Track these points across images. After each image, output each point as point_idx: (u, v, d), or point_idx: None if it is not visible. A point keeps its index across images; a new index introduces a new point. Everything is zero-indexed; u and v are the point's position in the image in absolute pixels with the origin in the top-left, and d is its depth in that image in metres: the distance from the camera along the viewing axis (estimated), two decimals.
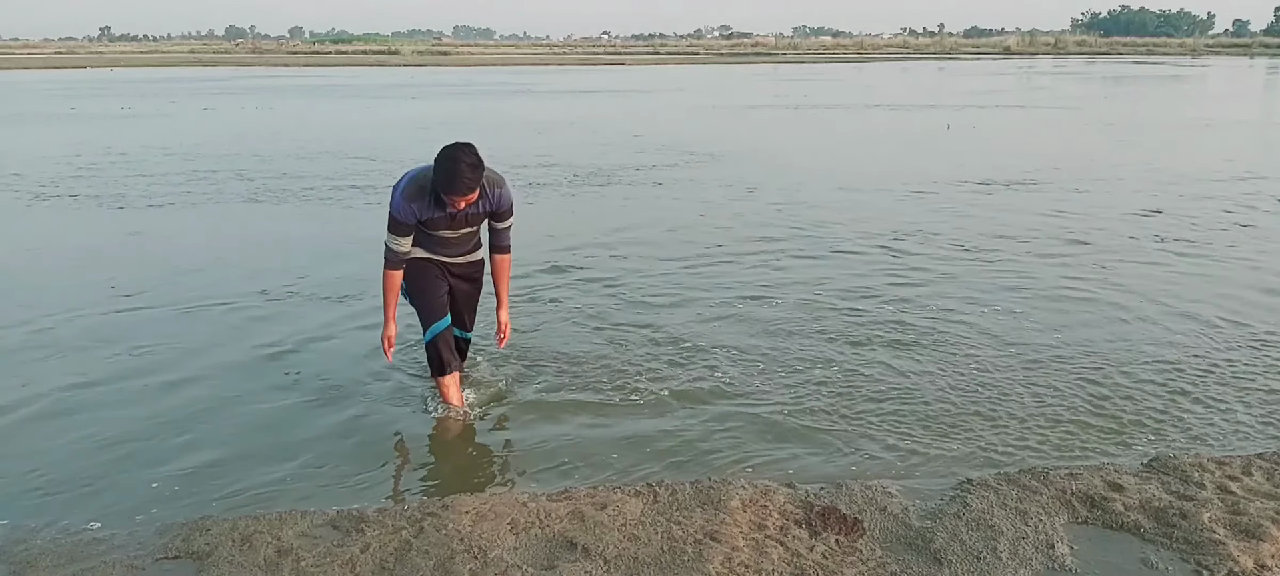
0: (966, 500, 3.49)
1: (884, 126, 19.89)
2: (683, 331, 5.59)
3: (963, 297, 6.31)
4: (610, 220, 9.16)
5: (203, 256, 7.64)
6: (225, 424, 4.31)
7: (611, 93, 32.08)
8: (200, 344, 5.42)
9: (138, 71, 50.10)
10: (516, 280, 6.73)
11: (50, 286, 6.70)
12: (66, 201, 10.27)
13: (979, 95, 29.64)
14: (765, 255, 7.62)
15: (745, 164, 13.37)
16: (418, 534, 3.25)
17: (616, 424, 4.30)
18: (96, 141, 16.03)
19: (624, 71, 50.98)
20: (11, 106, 25.19)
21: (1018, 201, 10.17)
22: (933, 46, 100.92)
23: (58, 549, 3.22)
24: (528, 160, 13.56)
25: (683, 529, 3.28)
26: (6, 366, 5.07)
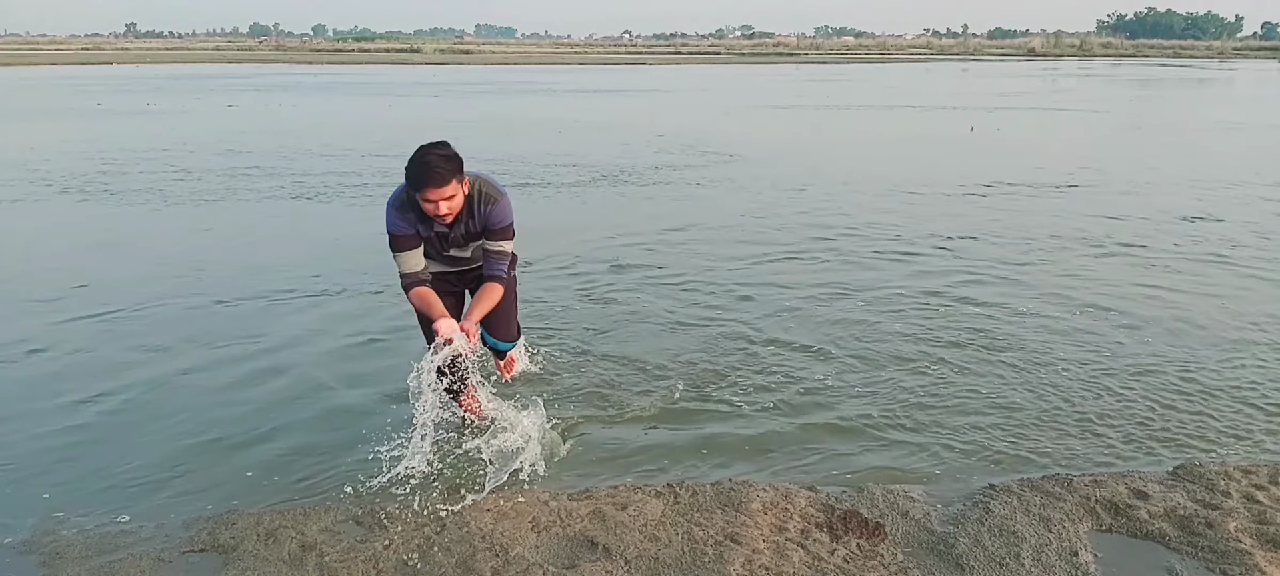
0: (989, 506, 3.47)
1: (908, 128, 19.78)
2: (720, 333, 5.59)
3: (995, 300, 6.27)
4: (640, 219, 9.17)
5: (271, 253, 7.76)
6: (252, 419, 4.35)
7: (633, 92, 32.12)
8: (235, 339, 5.48)
9: (163, 68, 50.61)
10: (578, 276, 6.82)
11: (108, 281, 6.79)
12: (108, 196, 10.40)
13: (1003, 97, 29.44)
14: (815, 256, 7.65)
15: (771, 164, 13.34)
16: (440, 531, 3.27)
17: (644, 424, 4.30)
18: (129, 137, 16.21)
19: (645, 71, 51.02)
20: (41, 102, 25.52)
21: (1059, 204, 10.09)
22: (956, 48, 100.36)
23: (86, 541, 3.26)
24: (550, 160, 13.59)
25: (703, 530, 3.28)
26: (35, 365, 5.14)
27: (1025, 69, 55.04)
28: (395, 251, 3.60)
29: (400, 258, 3.60)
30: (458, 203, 3.43)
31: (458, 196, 3.42)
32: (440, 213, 3.41)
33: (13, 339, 5.46)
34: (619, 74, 47.03)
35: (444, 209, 3.40)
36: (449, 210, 3.41)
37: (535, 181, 11.58)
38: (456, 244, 3.69)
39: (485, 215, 3.58)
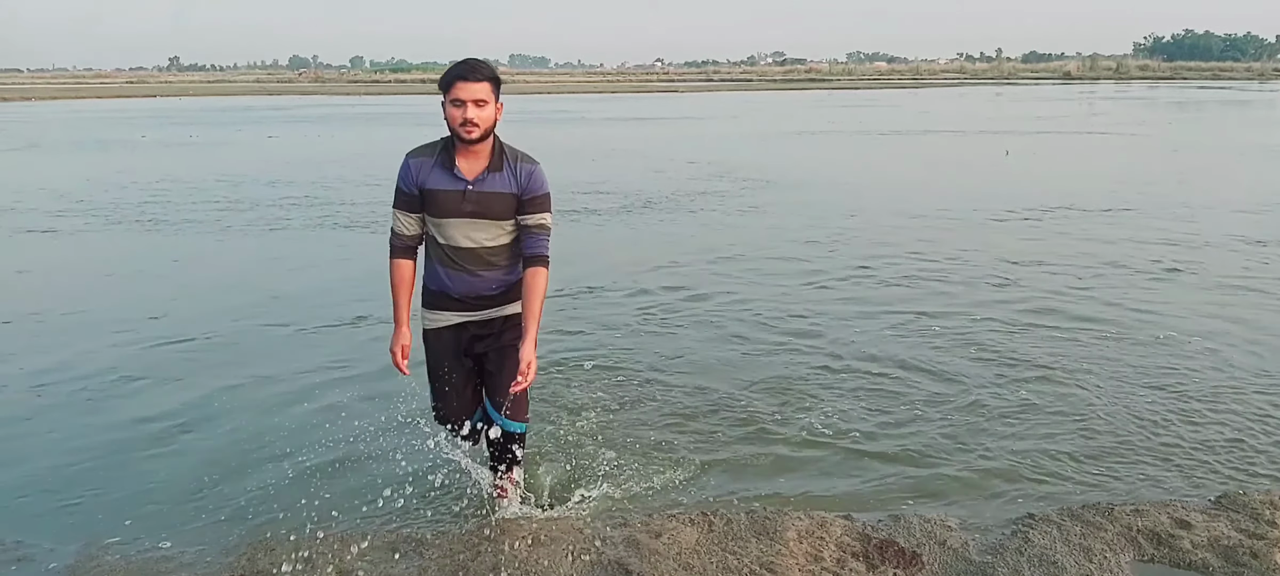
0: (1028, 535, 3.43)
1: (943, 153, 19.69)
2: (765, 359, 5.60)
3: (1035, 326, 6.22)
4: (685, 245, 9.21)
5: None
6: (294, 443, 4.40)
7: (666, 120, 32.25)
8: (285, 365, 5.57)
9: (205, 100, 51.67)
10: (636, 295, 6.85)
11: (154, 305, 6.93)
12: (168, 226, 10.63)
13: (1039, 121, 29.19)
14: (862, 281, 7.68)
15: (807, 190, 13.35)
16: (475, 557, 3.28)
17: (680, 451, 4.30)
18: (178, 168, 16.56)
19: (677, 99, 51.22)
20: (89, 134, 26.15)
21: (1105, 228, 10.00)
22: (990, 72, 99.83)
23: (129, 566, 3.31)
24: (586, 188, 13.67)
25: (738, 559, 3.27)
26: (81, 389, 5.26)
27: (1061, 93, 54.56)
28: (395, 207, 3.33)
29: (396, 214, 3.32)
30: (488, 116, 3.13)
31: (489, 107, 3.14)
32: (469, 116, 3.10)
33: (61, 364, 5.58)
34: (651, 102, 47.27)
35: (473, 113, 3.10)
36: (479, 121, 3.11)
37: (575, 209, 11.66)
38: (478, 205, 3.21)
39: (527, 176, 3.24)
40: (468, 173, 3.20)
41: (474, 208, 3.21)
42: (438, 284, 3.36)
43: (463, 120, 3.11)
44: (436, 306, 3.39)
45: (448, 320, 3.39)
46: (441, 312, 3.38)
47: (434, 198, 3.23)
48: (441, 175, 3.21)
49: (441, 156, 3.23)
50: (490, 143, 3.22)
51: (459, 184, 3.20)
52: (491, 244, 3.28)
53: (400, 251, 3.36)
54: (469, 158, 3.20)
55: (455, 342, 3.41)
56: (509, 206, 3.24)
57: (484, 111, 3.13)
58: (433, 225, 3.29)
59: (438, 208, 3.23)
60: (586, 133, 26.01)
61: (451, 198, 3.21)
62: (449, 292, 3.33)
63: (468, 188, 3.19)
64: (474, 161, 3.21)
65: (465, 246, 3.26)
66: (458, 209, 3.21)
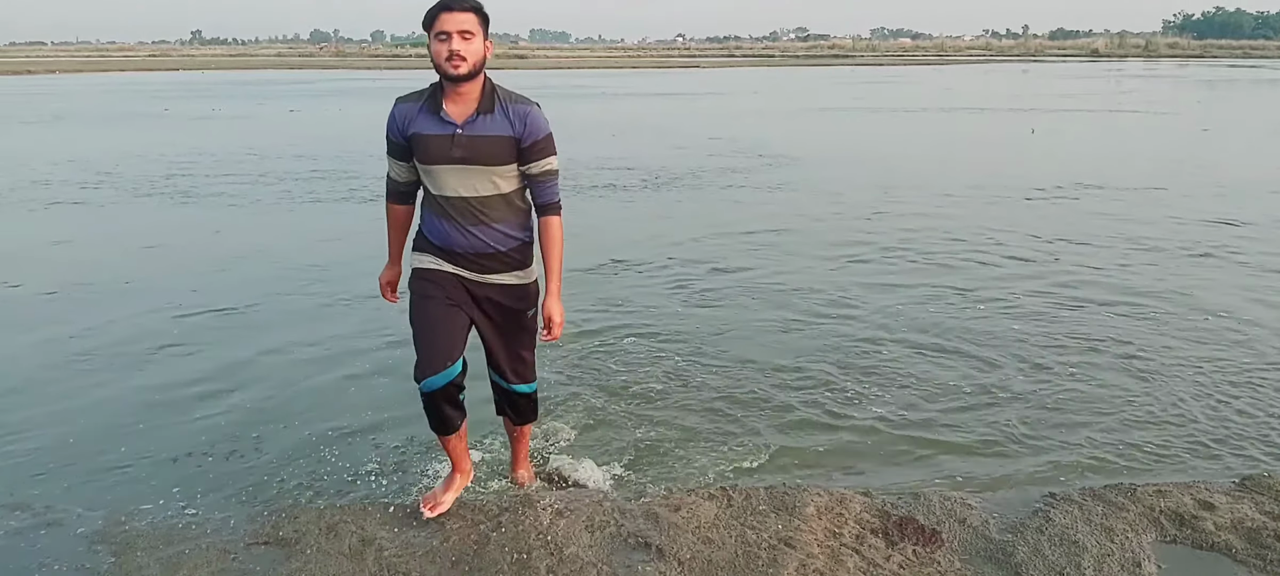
0: (1049, 515, 3.41)
1: (967, 130, 19.51)
2: (790, 336, 5.60)
3: (1058, 306, 6.19)
4: (713, 222, 9.21)
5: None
6: (313, 415, 4.46)
7: (687, 95, 32.13)
8: (310, 333, 5.64)
9: (227, 74, 51.89)
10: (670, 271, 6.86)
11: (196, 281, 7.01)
12: (212, 199, 10.73)
13: (1066, 99, 28.84)
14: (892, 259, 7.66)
15: (831, 167, 13.29)
16: (496, 528, 3.31)
17: (698, 425, 4.32)
18: (202, 141, 16.67)
19: (699, 74, 50.97)
20: (114, 107, 26.35)
21: (1133, 208, 9.89)
22: (1016, 49, 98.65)
23: (155, 531, 3.36)
24: (606, 164, 13.67)
25: (757, 533, 3.27)
26: (109, 359, 5.33)
27: (1088, 70, 53.86)
28: (386, 153, 3.20)
29: (389, 160, 3.21)
30: (476, 50, 2.93)
31: (476, 41, 2.93)
32: (455, 49, 2.88)
33: (98, 333, 5.66)
34: (672, 78, 47.06)
35: (459, 45, 2.88)
36: (466, 54, 2.90)
37: (598, 184, 11.67)
38: (468, 150, 3.00)
39: (523, 117, 3.03)
40: (456, 116, 3.00)
41: (464, 153, 3.00)
42: (435, 237, 3.17)
43: (448, 54, 2.90)
44: (429, 252, 3.19)
45: (443, 266, 3.17)
46: (435, 258, 3.17)
47: (422, 143, 3.03)
48: (428, 119, 3.02)
49: (429, 101, 3.04)
50: (480, 83, 3.01)
51: (447, 128, 3.00)
52: (486, 194, 3.06)
53: (394, 196, 3.28)
54: (458, 100, 3.00)
55: (447, 280, 3.16)
56: (504, 151, 3.02)
57: (471, 45, 2.92)
58: (423, 173, 3.10)
59: (426, 153, 3.03)
60: (607, 108, 25.94)
61: (439, 142, 3.01)
62: (446, 247, 3.14)
63: (456, 131, 2.99)
64: (463, 104, 3.00)
65: (459, 196, 3.05)
66: (446, 154, 3.01)
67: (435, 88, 3.05)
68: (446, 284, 3.16)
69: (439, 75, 2.98)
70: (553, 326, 3.20)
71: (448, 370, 3.11)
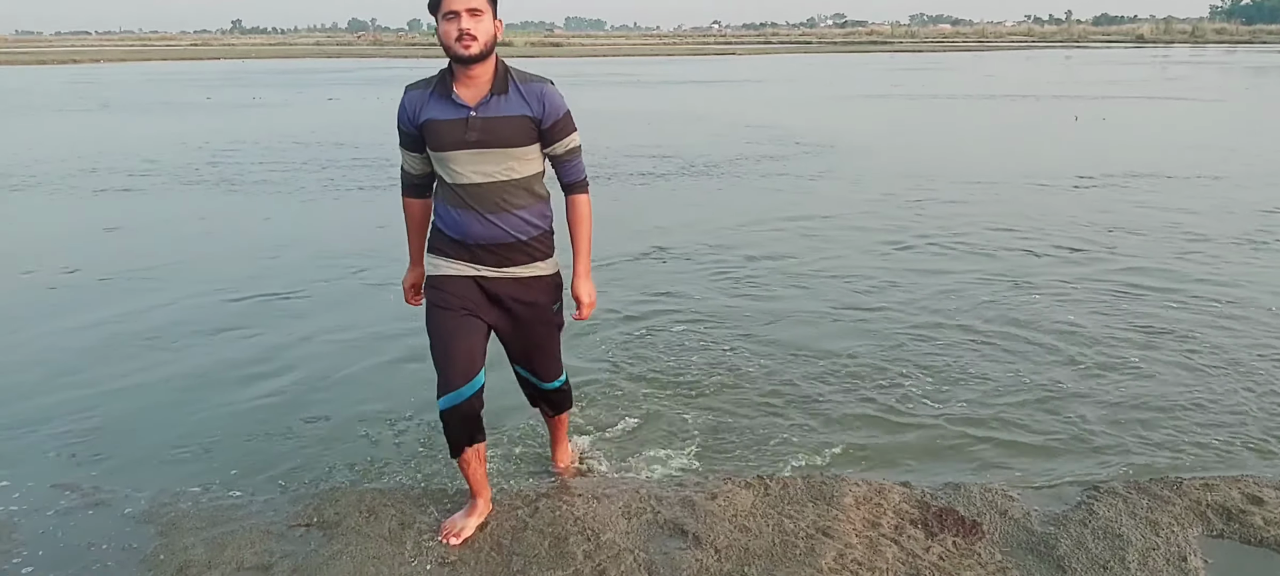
0: (1093, 507, 3.36)
1: (1010, 117, 19.21)
2: (829, 324, 5.57)
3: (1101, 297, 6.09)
4: (753, 210, 9.18)
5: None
6: (355, 399, 4.51)
7: (722, 83, 31.97)
8: (354, 321, 5.70)
9: (267, 63, 52.50)
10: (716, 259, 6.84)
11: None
12: (255, 187, 10.89)
13: (1110, 86, 28.30)
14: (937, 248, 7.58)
15: (871, 155, 13.17)
16: (533, 514, 3.33)
17: (738, 414, 4.31)
18: (246, 129, 16.90)
19: (734, 61, 50.70)
20: (157, 95, 26.78)
21: (1187, 197, 9.70)
22: (1059, 34, 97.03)
23: (200, 512, 3.42)
24: (642, 152, 13.65)
25: (794, 522, 3.26)
26: (158, 342, 5.43)
27: (1133, 56, 52.78)
28: (399, 145, 3.09)
29: (402, 153, 3.09)
30: (486, 29, 2.81)
31: (486, 18, 2.82)
32: (465, 27, 2.78)
33: (136, 312, 5.77)
34: (707, 65, 46.86)
35: (468, 23, 2.77)
36: (476, 32, 2.79)
37: (637, 172, 11.67)
38: (484, 133, 2.89)
39: (540, 96, 2.93)
40: (469, 99, 2.89)
41: (479, 136, 2.88)
42: (451, 230, 3.02)
43: (458, 33, 2.78)
44: (446, 253, 3.05)
45: (459, 270, 3.03)
46: (452, 261, 3.04)
47: (434, 130, 2.91)
48: (440, 105, 2.90)
49: (439, 86, 2.93)
50: (492, 64, 2.90)
51: (460, 112, 2.88)
52: (504, 178, 2.93)
53: (409, 190, 3.15)
54: (469, 83, 2.89)
55: (463, 288, 3.03)
56: (521, 132, 2.91)
57: (481, 23, 2.80)
58: (437, 162, 2.97)
59: (439, 140, 2.91)
60: (642, 96, 25.90)
61: (453, 128, 2.89)
62: (463, 239, 2.99)
63: (470, 114, 2.88)
64: (475, 86, 2.90)
65: (475, 182, 2.92)
66: (461, 139, 2.88)
67: (445, 72, 2.94)
68: (461, 291, 3.02)
69: (449, 57, 2.87)
70: (583, 307, 3.18)
71: (468, 386, 2.99)
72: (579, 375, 4.76)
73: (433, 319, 3.05)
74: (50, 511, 3.44)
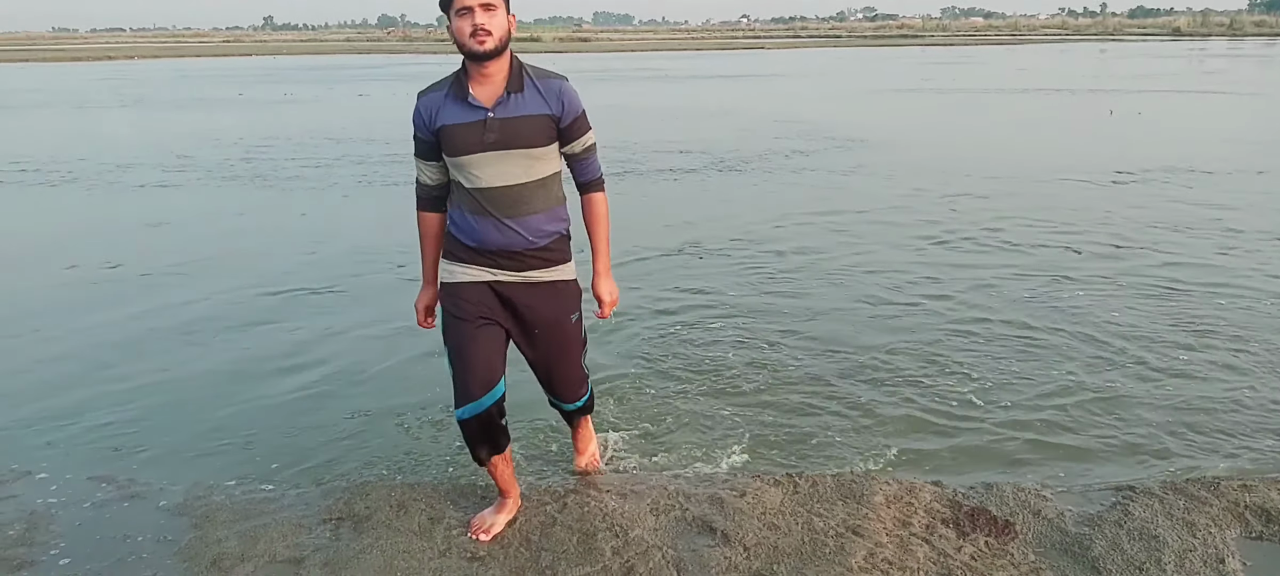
0: (1128, 508, 3.31)
1: (1043, 111, 18.96)
2: (866, 319, 5.54)
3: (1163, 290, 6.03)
4: (782, 206, 9.15)
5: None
6: (387, 393, 4.55)
7: (751, 77, 31.84)
8: (390, 315, 5.72)
9: (298, 59, 52.97)
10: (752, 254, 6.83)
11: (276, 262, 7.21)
12: (293, 183, 11.01)
13: (1145, 80, 27.87)
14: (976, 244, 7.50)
15: (902, 150, 13.06)
16: (562, 510, 3.33)
17: (767, 410, 4.30)
18: (278, 125, 17.06)
19: (763, 56, 50.47)
20: (190, 92, 27.11)
21: (1229, 194, 9.53)
22: (1093, 27, 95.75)
23: (233, 505, 3.46)
24: (670, 147, 13.62)
25: (824, 521, 3.24)
26: (195, 336, 5.50)
27: (1170, 49, 51.90)
28: (414, 155, 2.98)
29: (417, 163, 2.99)
30: (501, 25, 2.74)
31: (500, 14, 2.75)
32: (479, 22, 2.70)
33: (176, 305, 5.85)
34: (736, 59, 46.70)
35: (483, 19, 2.70)
36: (491, 27, 2.72)
37: (666, 168, 11.65)
38: (503, 134, 2.81)
39: (558, 94, 2.86)
40: (485, 100, 2.80)
41: (498, 137, 2.79)
42: (467, 237, 2.93)
43: (472, 29, 2.71)
44: (462, 259, 2.97)
45: (474, 276, 2.96)
46: (468, 266, 2.96)
47: (450, 134, 2.81)
48: (456, 108, 2.81)
49: (453, 88, 2.84)
50: (507, 62, 2.82)
51: (477, 114, 2.80)
52: (526, 180, 2.85)
53: (425, 203, 3.03)
54: (485, 83, 2.81)
55: (479, 297, 2.96)
56: (541, 131, 2.84)
57: (495, 18, 2.73)
58: (454, 167, 2.86)
59: (456, 145, 2.81)
60: (671, 91, 25.85)
61: (470, 131, 2.79)
62: (481, 247, 2.91)
63: (488, 116, 2.79)
64: (491, 85, 2.82)
65: (495, 186, 2.83)
66: (479, 142, 2.79)
67: (458, 73, 2.86)
68: (478, 298, 2.96)
69: (463, 56, 2.80)
70: (604, 305, 3.15)
71: (487, 396, 2.95)
72: (612, 370, 4.78)
73: (450, 328, 2.99)
74: (87, 503, 3.50)
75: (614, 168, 11.64)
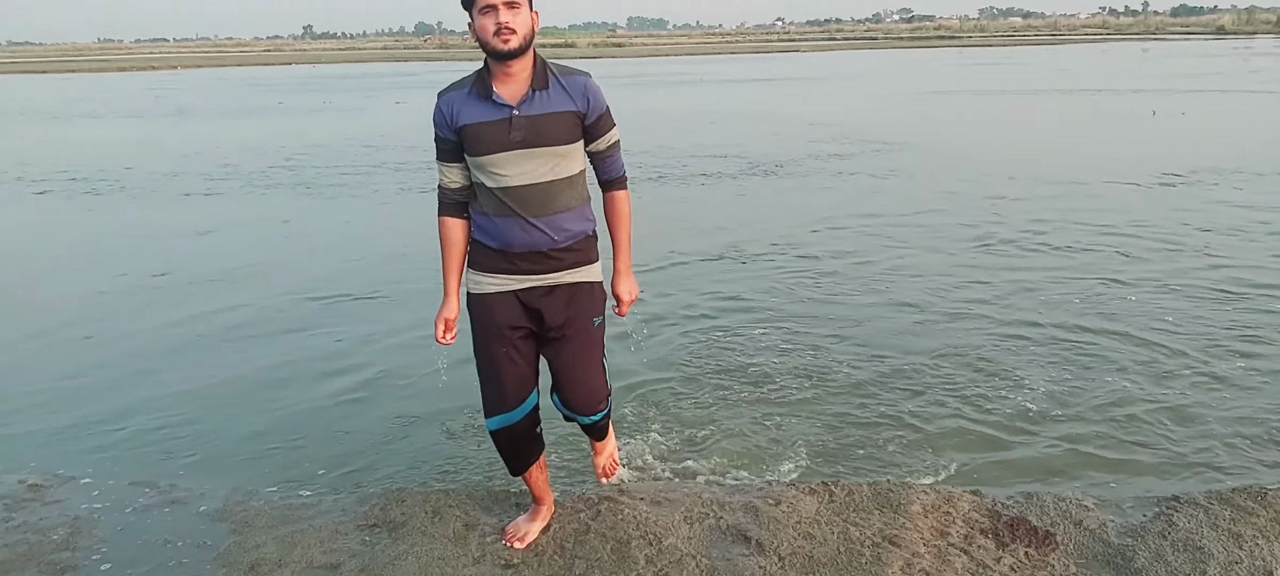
0: (1172, 519, 3.24)
1: (1085, 112, 18.67)
2: (909, 324, 5.49)
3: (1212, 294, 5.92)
4: (823, 209, 9.10)
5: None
6: (428, 399, 4.59)
7: (786, 81, 31.71)
8: (431, 321, 5.73)
9: (336, 67, 53.65)
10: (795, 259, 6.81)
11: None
12: (338, 190, 11.16)
13: (1189, 79, 27.34)
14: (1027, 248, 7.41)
15: (942, 153, 12.95)
16: (596, 517, 3.33)
17: (802, 418, 4.27)
18: (319, 132, 17.29)
19: (798, 59, 50.25)
20: (232, 101, 27.56)
21: (1276, 196, 9.32)
22: (1135, 26, 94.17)
23: (272, 511, 3.50)
24: (705, 152, 13.60)
25: (860, 530, 3.21)
26: (237, 342, 5.59)
27: (1214, 48, 50.88)
28: (436, 158, 2.90)
29: (439, 167, 2.90)
30: (525, 22, 2.68)
31: (523, 11, 2.68)
32: (503, 21, 2.64)
33: (222, 310, 5.94)
34: (771, 62, 46.53)
35: (506, 17, 2.64)
36: (515, 25, 2.66)
37: (702, 172, 11.64)
38: (529, 132, 2.73)
39: (583, 90, 2.80)
40: (510, 97, 2.73)
41: (524, 135, 2.72)
42: (491, 239, 2.86)
43: (496, 27, 2.64)
44: (488, 268, 2.90)
45: (500, 285, 2.89)
46: (494, 276, 2.89)
47: (474, 134, 2.74)
48: (479, 106, 2.74)
49: (476, 87, 2.77)
50: (531, 59, 2.76)
51: (502, 112, 2.73)
52: (552, 178, 2.78)
53: (447, 208, 2.92)
54: (508, 81, 2.74)
55: (507, 310, 2.90)
56: (567, 128, 2.77)
57: (519, 15, 2.67)
58: (478, 168, 2.78)
59: (480, 144, 2.74)
60: (705, 95, 25.81)
61: (495, 130, 2.72)
62: (506, 249, 2.84)
63: (513, 113, 2.72)
64: (515, 84, 2.74)
65: (521, 185, 2.75)
66: (505, 141, 2.72)
67: (480, 72, 2.79)
68: (507, 310, 2.90)
69: (486, 54, 2.72)
70: (623, 304, 3.07)
71: (519, 409, 2.97)
72: (652, 375, 4.79)
73: (480, 342, 2.96)
74: (129, 509, 3.56)
75: (650, 173, 11.65)
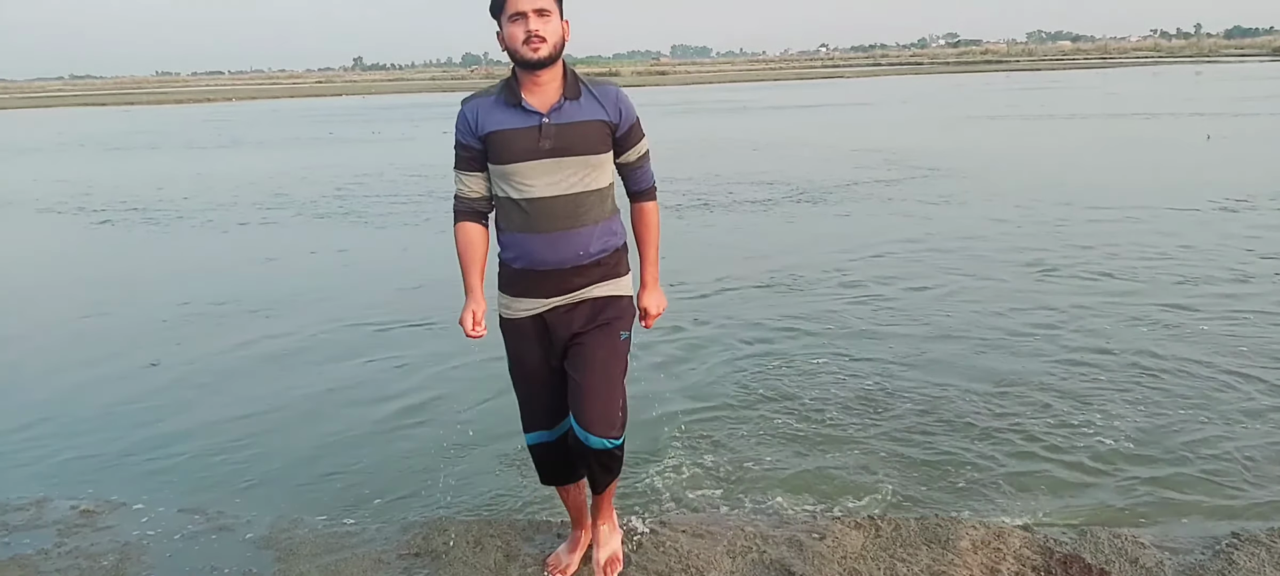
0: (1233, 557, 3.13)
1: (1136, 136, 18.32)
2: (965, 353, 5.41)
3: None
4: (874, 234, 9.03)
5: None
6: (477, 426, 4.59)
7: (830, 107, 31.60)
8: (477, 351, 5.75)
9: (386, 98, 54.61)
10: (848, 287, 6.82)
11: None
12: (388, 220, 11.34)
13: (1243, 102, 26.73)
14: (1100, 275, 7.24)
15: (989, 179, 12.76)
16: (637, 549, 3.30)
17: (849, 449, 4.20)
18: (375, 163, 17.57)
19: (843, 85, 50.09)
20: (283, 131, 28.16)
21: None
22: (1187, 49, 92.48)
23: (316, 539, 3.53)
24: (749, 178, 13.59)
25: (907, 566, 3.14)
26: (287, 369, 5.66)
27: (1269, 70, 49.74)
28: (455, 168, 2.81)
29: (457, 177, 2.81)
30: (555, 30, 2.61)
31: (554, 19, 2.62)
32: (533, 28, 2.57)
33: (272, 336, 6.04)
34: (816, 89, 46.43)
35: (536, 24, 2.57)
36: (546, 33, 2.59)
37: (748, 199, 11.62)
38: (559, 140, 2.66)
39: (615, 100, 2.74)
40: (540, 105, 2.66)
41: (554, 143, 2.64)
42: (518, 257, 2.77)
43: (526, 35, 2.57)
44: (517, 290, 2.81)
45: (530, 308, 2.81)
46: (522, 299, 2.81)
47: (501, 141, 2.66)
48: (507, 113, 2.66)
49: (504, 94, 2.69)
50: (560, 69, 2.69)
51: (531, 119, 2.65)
52: (582, 189, 2.70)
53: (467, 214, 2.82)
54: (537, 90, 2.66)
55: (538, 332, 2.84)
56: (598, 138, 2.70)
57: (549, 23, 2.60)
58: (503, 179, 2.69)
59: (508, 152, 2.65)
60: (751, 122, 25.80)
61: (525, 137, 2.64)
62: (533, 266, 2.74)
63: (543, 121, 2.64)
64: (544, 93, 2.66)
65: (549, 196, 2.67)
66: (534, 149, 2.64)
67: (508, 81, 2.71)
68: (538, 334, 2.84)
69: (515, 63, 2.65)
70: (649, 317, 2.98)
71: (558, 427, 2.94)
72: (707, 401, 4.77)
73: (514, 365, 2.93)
74: (177, 535, 3.60)
75: (698, 199, 11.66)
